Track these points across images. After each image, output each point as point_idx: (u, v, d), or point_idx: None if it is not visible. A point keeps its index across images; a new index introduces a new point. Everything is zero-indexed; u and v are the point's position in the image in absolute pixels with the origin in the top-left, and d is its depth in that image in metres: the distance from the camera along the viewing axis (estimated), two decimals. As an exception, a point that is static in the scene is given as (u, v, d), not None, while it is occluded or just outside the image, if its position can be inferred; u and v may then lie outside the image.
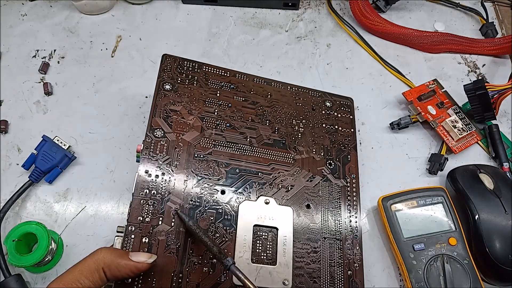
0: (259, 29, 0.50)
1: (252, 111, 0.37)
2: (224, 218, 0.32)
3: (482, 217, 0.35)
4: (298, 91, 0.40)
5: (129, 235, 0.29)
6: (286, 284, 0.31)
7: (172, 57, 0.36)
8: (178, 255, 0.30)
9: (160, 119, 0.33)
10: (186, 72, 0.36)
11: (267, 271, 0.31)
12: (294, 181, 0.35)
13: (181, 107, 0.35)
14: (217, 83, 0.37)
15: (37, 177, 0.37)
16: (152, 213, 0.30)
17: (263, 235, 0.32)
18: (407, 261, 0.34)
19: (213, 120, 0.35)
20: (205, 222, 0.31)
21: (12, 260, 0.32)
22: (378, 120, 0.44)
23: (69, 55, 0.46)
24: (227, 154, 0.34)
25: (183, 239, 0.30)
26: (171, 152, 0.32)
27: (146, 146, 0.32)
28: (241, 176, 0.34)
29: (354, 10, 0.49)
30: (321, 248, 0.33)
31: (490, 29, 0.50)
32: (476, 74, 0.48)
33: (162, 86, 0.35)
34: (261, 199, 0.33)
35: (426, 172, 0.41)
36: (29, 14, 0.49)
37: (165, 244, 0.29)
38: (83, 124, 0.41)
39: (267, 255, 0.32)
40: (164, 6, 0.50)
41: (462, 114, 0.43)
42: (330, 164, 0.37)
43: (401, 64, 0.48)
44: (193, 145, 0.33)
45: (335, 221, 0.34)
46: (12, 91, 0.43)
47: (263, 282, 0.30)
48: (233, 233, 0.31)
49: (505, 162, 0.41)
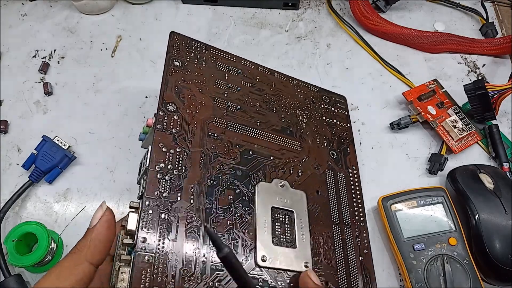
0: (259, 29, 0.50)
1: (260, 97, 0.36)
2: (242, 198, 0.30)
3: (482, 217, 0.35)
4: (299, 84, 0.40)
5: (146, 210, 0.26)
6: (308, 267, 0.30)
7: (180, 35, 0.35)
8: (199, 233, 0.27)
9: (172, 94, 0.32)
10: (195, 52, 0.35)
11: (289, 253, 0.30)
12: (303, 168, 0.35)
13: (192, 85, 0.33)
14: (224, 66, 0.36)
15: (37, 177, 0.37)
16: (170, 188, 0.28)
17: (280, 218, 0.31)
18: (407, 261, 0.34)
19: (224, 102, 0.34)
20: (225, 202, 0.30)
21: (12, 260, 0.32)
22: (378, 120, 0.44)
23: (69, 55, 0.46)
24: (239, 136, 0.33)
25: (204, 217, 0.28)
26: (185, 128, 0.31)
27: (160, 119, 0.30)
28: (254, 158, 0.33)
29: (354, 10, 0.49)
30: (335, 234, 0.33)
31: (490, 29, 0.50)
32: (476, 74, 0.48)
33: (171, 61, 0.33)
34: (275, 181, 0.33)
35: (426, 172, 0.41)
36: (29, 14, 0.49)
37: (185, 222, 0.27)
38: (83, 124, 0.41)
39: (286, 238, 0.31)
40: (164, 6, 0.50)
41: (462, 114, 0.43)
42: (333, 155, 0.37)
43: (401, 64, 0.48)
44: (206, 123, 0.32)
45: (342, 208, 0.35)
46: (12, 91, 0.43)
47: (286, 264, 0.29)
48: (252, 214, 0.30)
49: (505, 162, 0.41)
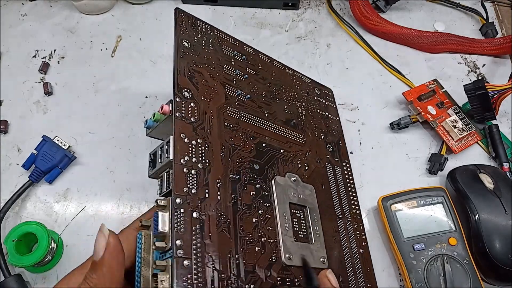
0: (259, 29, 0.50)
1: (264, 86, 0.35)
2: (262, 194, 0.29)
3: (482, 217, 0.35)
4: (294, 74, 0.39)
5: (177, 209, 0.23)
6: (324, 263, 0.29)
7: (185, 12, 0.32)
8: (230, 233, 0.25)
9: (186, 78, 0.28)
10: (201, 32, 0.32)
11: (307, 249, 0.29)
12: (308, 161, 0.34)
13: (203, 69, 0.30)
14: (230, 51, 0.34)
15: (37, 177, 0.37)
16: (197, 184, 0.25)
17: (296, 213, 0.30)
18: (407, 261, 0.34)
19: (234, 90, 0.32)
20: (248, 198, 0.28)
21: (12, 260, 0.32)
22: (378, 120, 0.44)
23: (69, 55, 0.46)
24: (252, 128, 0.31)
25: (232, 215, 0.26)
26: (203, 117, 0.28)
27: (178, 106, 0.27)
28: (268, 151, 0.31)
29: (354, 10, 0.49)
30: (340, 228, 0.33)
31: (490, 29, 0.50)
32: (476, 74, 0.48)
33: (180, 42, 0.30)
34: (288, 175, 0.31)
35: (426, 172, 0.41)
36: (29, 14, 0.49)
37: (216, 220, 0.25)
38: (83, 124, 0.41)
39: (303, 233, 0.30)
40: (164, 6, 0.50)
41: (462, 114, 0.43)
42: (329, 148, 0.37)
43: (401, 64, 0.48)
44: (221, 112, 0.30)
45: (342, 202, 0.35)
46: (12, 91, 0.43)
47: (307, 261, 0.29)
48: (272, 210, 0.29)
49: (505, 162, 0.41)
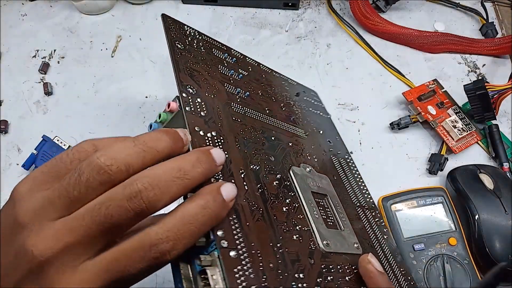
0: (259, 29, 0.50)
1: (258, 86, 0.35)
2: (285, 184, 0.29)
3: (482, 217, 0.35)
4: (281, 77, 0.39)
5: None
6: (358, 248, 0.29)
7: (171, 18, 0.32)
8: (266, 222, 0.25)
9: (186, 76, 0.28)
10: (190, 36, 0.32)
11: (340, 235, 0.29)
12: (315, 154, 0.34)
13: (200, 68, 0.30)
14: (220, 54, 0.34)
15: (37, 177, 0.37)
16: (222, 174, 0.25)
17: (320, 202, 0.30)
18: (407, 261, 0.34)
19: (233, 88, 0.32)
20: (273, 188, 0.27)
21: (12, 260, 0.31)
22: (378, 120, 0.44)
23: (69, 55, 0.46)
24: (258, 123, 0.31)
25: (262, 204, 0.25)
26: (211, 112, 0.28)
27: (185, 101, 0.26)
28: (278, 144, 0.31)
29: (354, 10, 0.49)
30: (361, 215, 0.33)
31: (490, 29, 0.50)
32: (476, 74, 0.48)
33: (174, 43, 0.30)
34: (303, 166, 0.31)
35: (426, 172, 0.41)
36: (29, 14, 0.49)
37: (249, 210, 0.24)
38: (83, 124, 0.41)
39: (331, 221, 0.30)
40: (164, 6, 0.50)
41: (462, 114, 0.43)
42: (330, 142, 0.37)
43: (401, 64, 0.48)
44: (227, 108, 0.30)
45: (356, 192, 0.35)
46: (12, 91, 0.43)
47: (344, 247, 0.28)
48: (298, 199, 0.28)
49: (505, 162, 0.41)
